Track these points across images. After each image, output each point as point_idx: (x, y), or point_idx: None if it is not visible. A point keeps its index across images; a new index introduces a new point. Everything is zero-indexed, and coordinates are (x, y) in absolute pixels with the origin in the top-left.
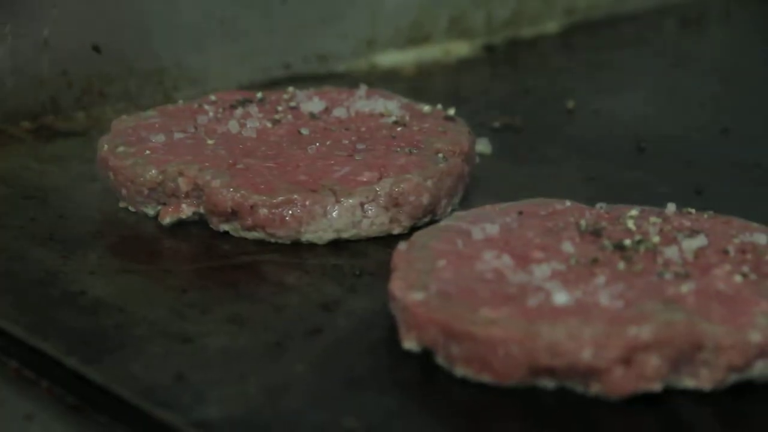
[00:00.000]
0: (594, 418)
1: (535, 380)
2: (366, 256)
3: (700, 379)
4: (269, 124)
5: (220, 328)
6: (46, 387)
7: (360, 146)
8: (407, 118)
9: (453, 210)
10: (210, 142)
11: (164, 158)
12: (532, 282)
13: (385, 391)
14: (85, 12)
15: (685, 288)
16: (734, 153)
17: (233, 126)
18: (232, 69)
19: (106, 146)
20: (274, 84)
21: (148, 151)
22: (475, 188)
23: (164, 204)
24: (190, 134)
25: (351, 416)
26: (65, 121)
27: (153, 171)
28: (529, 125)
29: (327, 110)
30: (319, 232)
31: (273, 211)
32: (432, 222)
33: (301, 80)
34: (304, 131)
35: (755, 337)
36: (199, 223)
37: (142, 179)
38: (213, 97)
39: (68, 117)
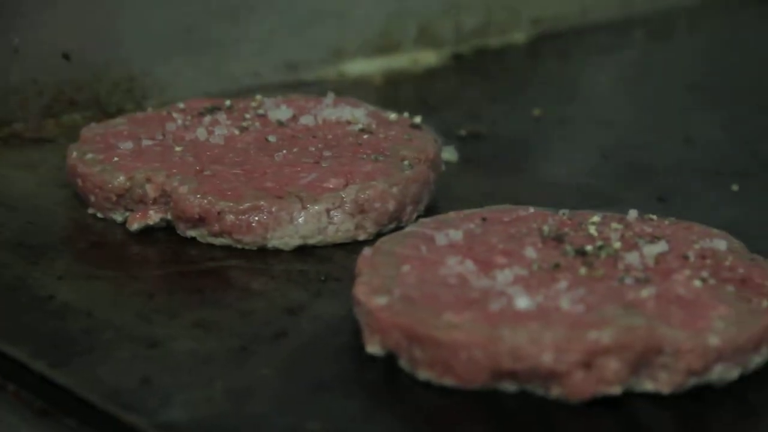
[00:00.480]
0: (554, 421)
1: (497, 384)
2: (331, 262)
3: (660, 383)
4: (237, 132)
5: (187, 333)
6: (13, 391)
7: (326, 153)
8: (374, 125)
9: (419, 216)
10: (178, 149)
11: (132, 165)
12: (494, 287)
13: (350, 395)
14: (55, 21)
15: (646, 293)
16: (697, 161)
17: (201, 133)
18: (201, 77)
19: (74, 153)
20: (244, 92)
21: (116, 158)
22: (441, 195)
23: (132, 210)
24: (158, 141)
25: (315, 420)
26: (35, 129)
27: (121, 177)
28: (495, 133)
29: (294, 118)
30: (285, 238)
31: (240, 217)
32: (397, 228)
33: (271, 89)
34: (272, 138)
35: (714, 341)
36: (166, 229)
37: (110, 186)
38: (181, 105)
39: (38, 124)
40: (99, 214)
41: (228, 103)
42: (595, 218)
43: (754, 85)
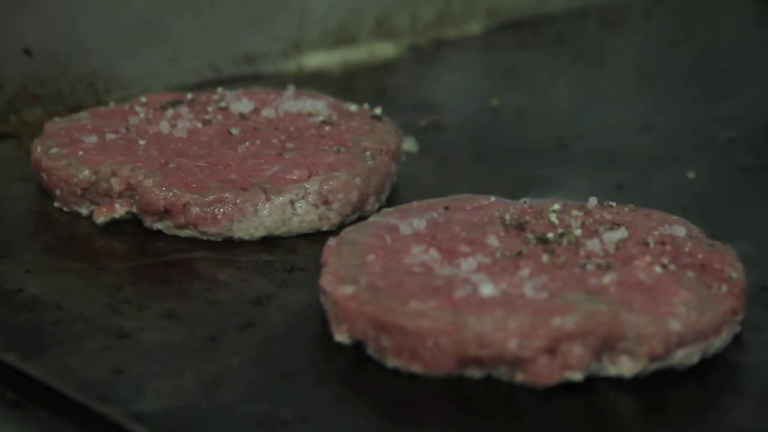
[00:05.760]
0: (520, 406)
1: (464, 370)
2: (296, 252)
3: (623, 367)
4: (200, 125)
5: (156, 324)
6: None
7: (289, 145)
8: (335, 117)
9: (381, 207)
10: (142, 142)
11: (97, 159)
12: (459, 275)
13: (320, 383)
14: (16, 15)
15: (607, 279)
16: (653, 149)
17: (164, 126)
18: (161, 71)
19: (39, 148)
20: (204, 85)
21: (81, 152)
22: (402, 186)
23: (97, 204)
24: (122, 135)
25: (287, 407)
26: None
27: (86, 171)
28: (454, 124)
29: (256, 110)
30: (250, 229)
31: (205, 209)
32: (360, 219)
33: (230, 82)
34: (234, 131)
35: (675, 326)
36: (132, 221)
37: (75, 179)
38: (144, 99)
39: (0, 120)
40: (65, 208)
41: (190, 96)
42: (556, 206)
43: (708, 73)
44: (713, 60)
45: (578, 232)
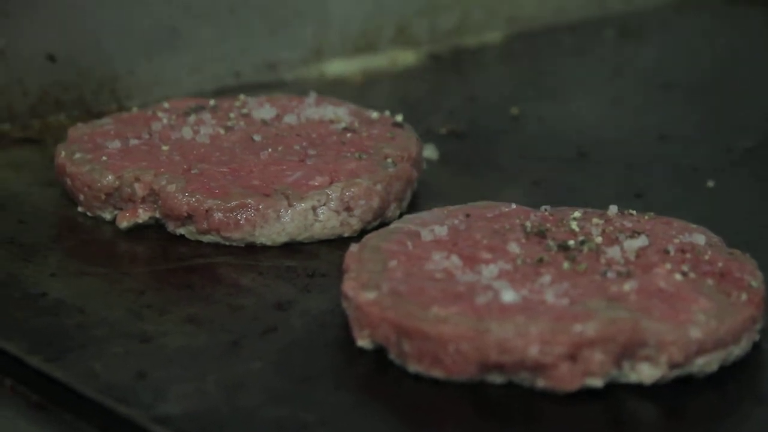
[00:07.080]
0: (540, 411)
1: (485, 375)
2: (318, 258)
3: (643, 375)
4: (222, 131)
5: (178, 328)
6: (10, 385)
7: (311, 152)
8: (356, 124)
9: (402, 214)
10: (165, 148)
11: (120, 164)
12: (480, 281)
13: (341, 387)
14: (40, 22)
15: (628, 286)
16: (672, 157)
17: (187, 132)
18: (183, 77)
19: (63, 153)
20: (225, 92)
21: (104, 158)
22: (423, 193)
23: (121, 209)
24: (144, 141)
25: (308, 411)
26: (21, 129)
27: (110, 177)
28: (474, 131)
29: (278, 117)
30: (272, 235)
31: (227, 214)
32: (381, 225)
33: (252, 88)
34: (257, 137)
35: (695, 333)
36: (155, 226)
37: (99, 185)
38: (166, 105)
39: (24, 125)
40: (88, 213)
41: (212, 102)
42: (577, 214)
43: (726, 82)
44: (731, 69)
45: (599, 239)
